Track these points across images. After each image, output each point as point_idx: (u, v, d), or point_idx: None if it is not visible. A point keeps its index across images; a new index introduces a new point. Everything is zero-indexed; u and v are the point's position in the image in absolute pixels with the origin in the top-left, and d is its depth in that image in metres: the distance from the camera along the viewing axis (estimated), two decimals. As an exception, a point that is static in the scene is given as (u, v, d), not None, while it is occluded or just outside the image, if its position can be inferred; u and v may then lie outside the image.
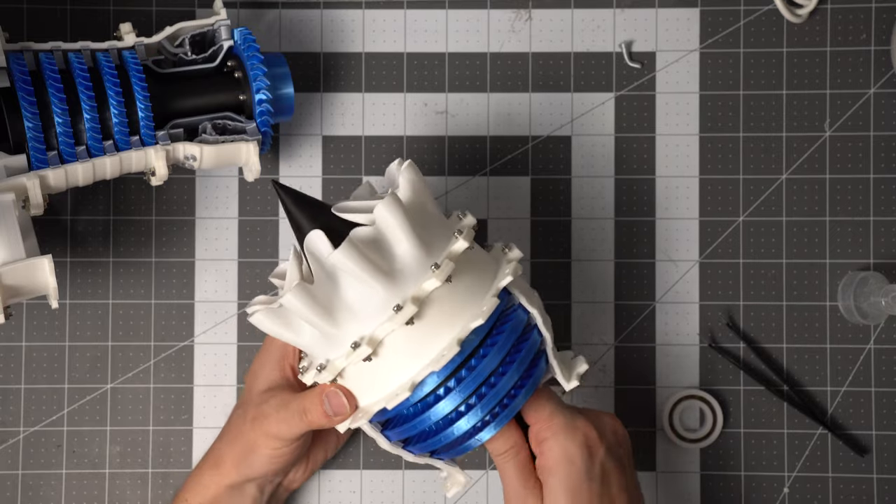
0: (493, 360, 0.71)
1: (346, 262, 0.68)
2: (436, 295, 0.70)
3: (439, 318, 0.71)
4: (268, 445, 0.79)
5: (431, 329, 0.70)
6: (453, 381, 0.71)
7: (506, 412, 0.72)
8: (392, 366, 0.71)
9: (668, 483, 0.91)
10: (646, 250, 0.92)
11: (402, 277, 0.70)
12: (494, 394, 0.71)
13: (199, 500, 0.82)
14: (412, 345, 0.71)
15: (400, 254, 0.70)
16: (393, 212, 0.69)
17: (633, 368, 0.92)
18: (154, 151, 0.81)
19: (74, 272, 0.91)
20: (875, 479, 0.91)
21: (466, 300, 0.71)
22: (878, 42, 0.93)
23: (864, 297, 0.89)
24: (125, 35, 0.83)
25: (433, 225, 0.73)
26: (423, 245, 0.70)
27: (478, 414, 0.71)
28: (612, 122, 0.93)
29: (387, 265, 0.70)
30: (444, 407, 0.71)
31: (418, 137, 0.92)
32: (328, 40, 0.93)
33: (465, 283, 0.72)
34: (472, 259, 0.73)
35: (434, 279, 0.70)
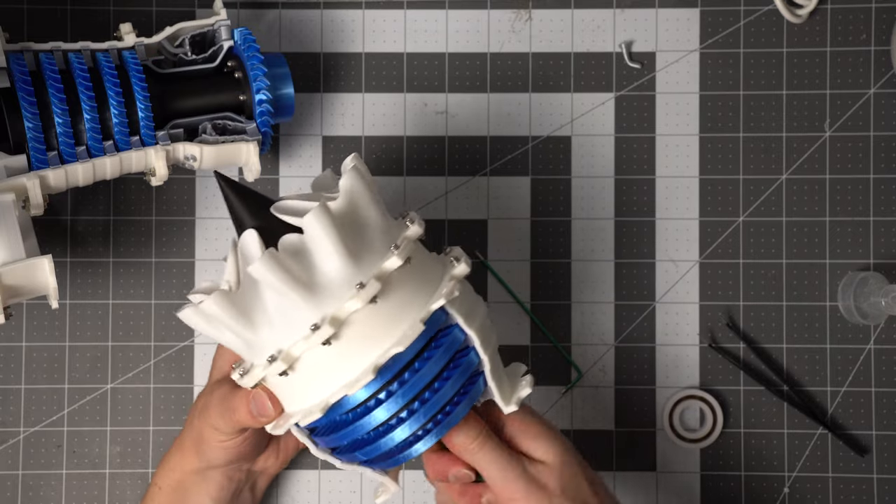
0: (427, 374, 0.68)
1: (266, 273, 0.65)
2: (357, 317, 0.67)
3: (358, 341, 0.67)
4: (213, 437, 0.78)
5: (348, 352, 0.67)
6: (385, 393, 0.68)
7: (443, 424, 0.70)
8: (307, 384, 0.69)
9: (668, 483, 0.91)
10: (646, 250, 0.92)
11: (324, 294, 0.67)
12: (430, 406, 0.69)
13: (168, 482, 0.82)
14: (327, 367, 0.68)
15: (326, 269, 0.67)
16: (321, 224, 0.66)
17: (633, 368, 0.92)
18: (154, 151, 0.81)
19: (74, 272, 0.91)
20: (875, 479, 0.91)
21: (391, 324, 0.68)
22: (878, 42, 0.93)
23: (864, 298, 0.89)
24: (125, 35, 0.83)
25: (370, 234, 0.69)
26: (351, 260, 0.67)
27: (414, 424, 0.69)
28: (612, 122, 0.93)
29: (309, 279, 0.67)
30: (379, 415, 0.68)
31: (418, 137, 0.92)
32: (328, 40, 0.93)
33: (393, 305, 0.68)
34: (410, 273, 0.69)
35: (356, 300, 0.67)
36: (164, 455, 0.84)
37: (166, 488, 0.82)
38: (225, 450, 0.79)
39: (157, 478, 0.83)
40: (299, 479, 0.91)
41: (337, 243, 0.66)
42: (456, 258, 0.72)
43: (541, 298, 0.92)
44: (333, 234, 0.66)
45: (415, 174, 0.92)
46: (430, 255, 0.73)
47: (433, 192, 0.92)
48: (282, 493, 0.91)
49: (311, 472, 0.91)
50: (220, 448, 0.79)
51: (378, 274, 0.68)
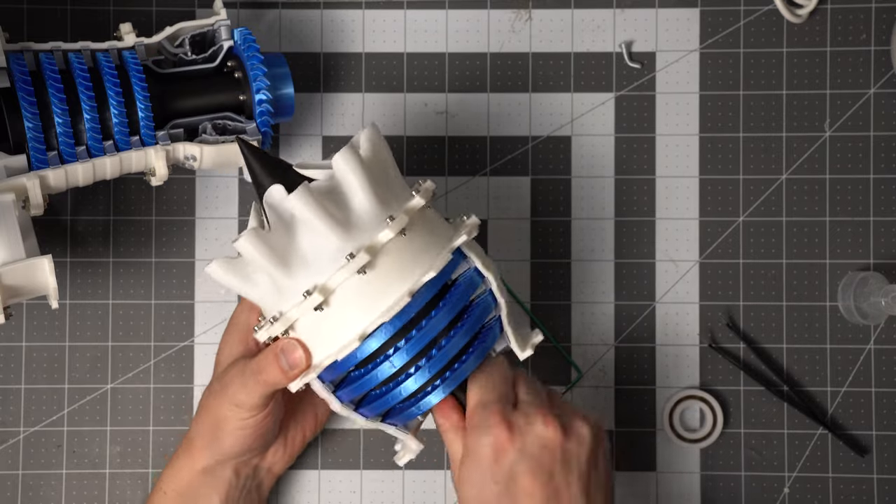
0: (441, 321, 0.71)
1: (300, 206, 0.69)
2: (390, 247, 0.70)
3: (392, 269, 0.71)
4: (233, 416, 0.78)
5: (383, 280, 0.70)
6: (402, 340, 0.71)
7: (454, 375, 0.72)
8: (343, 316, 0.71)
9: (668, 483, 0.91)
10: (646, 250, 0.92)
11: (356, 228, 0.70)
12: (442, 355, 0.71)
13: (174, 486, 0.82)
14: (363, 296, 0.70)
15: (355, 205, 0.71)
16: (349, 162, 0.70)
17: (633, 368, 0.92)
18: (154, 151, 0.81)
19: (74, 272, 0.91)
20: (875, 479, 0.91)
21: (420, 254, 0.71)
22: (878, 42, 0.93)
23: (864, 298, 0.89)
24: (125, 35, 0.83)
25: (392, 184, 0.73)
26: (378, 198, 0.71)
27: (425, 375, 0.71)
28: (612, 122, 0.93)
29: (342, 215, 0.70)
30: (390, 367, 0.71)
31: (418, 137, 0.92)
32: (328, 40, 0.93)
33: (420, 238, 0.72)
34: (429, 219, 0.74)
35: (388, 230, 0.70)
36: (168, 460, 0.83)
37: (172, 493, 0.82)
38: (242, 432, 0.78)
39: (161, 483, 0.83)
40: (299, 480, 0.91)
41: (365, 180, 0.70)
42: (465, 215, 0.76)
43: (541, 298, 0.92)
44: (361, 172, 0.70)
45: (415, 174, 0.92)
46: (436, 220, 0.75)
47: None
48: (282, 494, 0.91)
49: (311, 472, 0.91)
50: (237, 430, 0.78)
51: (406, 210, 0.72)
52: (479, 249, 0.75)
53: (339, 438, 0.91)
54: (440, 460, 0.91)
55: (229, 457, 0.81)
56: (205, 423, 0.80)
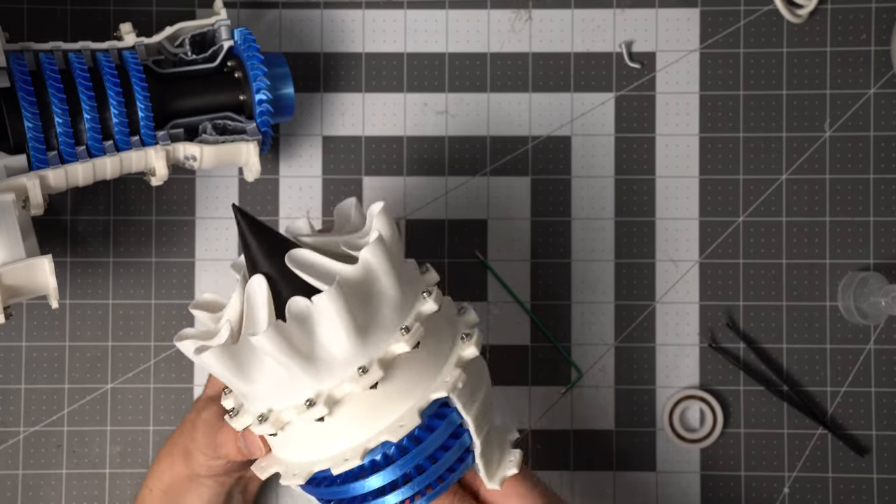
0: (419, 454, 0.67)
1: (269, 347, 0.63)
2: (354, 398, 0.65)
3: (351, 421, 0.66)
4: (200, 454, 0.78)
5: (341, 428, 0.66)
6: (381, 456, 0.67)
7: (430, 494, 0.68)
8: (296, 445, 0.67)
9: (668, 483, 0.91)
10: (646, 250, 0.92)
11: (325, 368, 0.65)
12: (424, 477, 0.67)
13: (159, 485, 0.82)
14: (317, 437, 0.66)
15: (330, 346, 0.65)
16: (334, 306, 0.63)
17: (633, 368, 0.92)
18: (154, 151, 0.81)
19: (74, 272, 0.91)
20: (875, 479, 0.91)
21: (390, 406, 0.66)
22: (878, 42, 0.93)
23: (864, 298, 0.89)
24: (125, 35, 0.83)
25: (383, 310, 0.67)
26: (358, 339, 0.65)
27: (404, 494, 0.67)
28: (612, 122, 0.93)
29: (311, 351, 0.65)
30: (371, 483, 0.67)
31: (418, 137, 0.92)
32: (328, 40, 0.93)
33: (395, 387, 0.66)
34: (417, 355, 0.67)
35: (355, 384, 0.64)
36: (154, 458, 0.83)
37: (157, 492, 0.82)
38: (210, 467, 0.78)
39: (148, 480, 0.83)
40: (299, 479, 0.91)
41: (347, 324, 0.64)
42: (467, 334, 0.70)
43: (541, 298, 0.92)
44: (345, 316, 0.64)
45: (415, 174, 0.92)
46: (442, 319, 0.70)
47: (433, 192, 0.92)
48: (282, 493, 0.91)
49: (311, 472, 0.91)
50: (206, 465, 0.78)
51: (383, 357, 0.66)
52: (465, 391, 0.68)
53: (339, 438, 0.91)
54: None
55: (206, 476, 0.80)
56: (181, 442, 0.80)
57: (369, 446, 0.66)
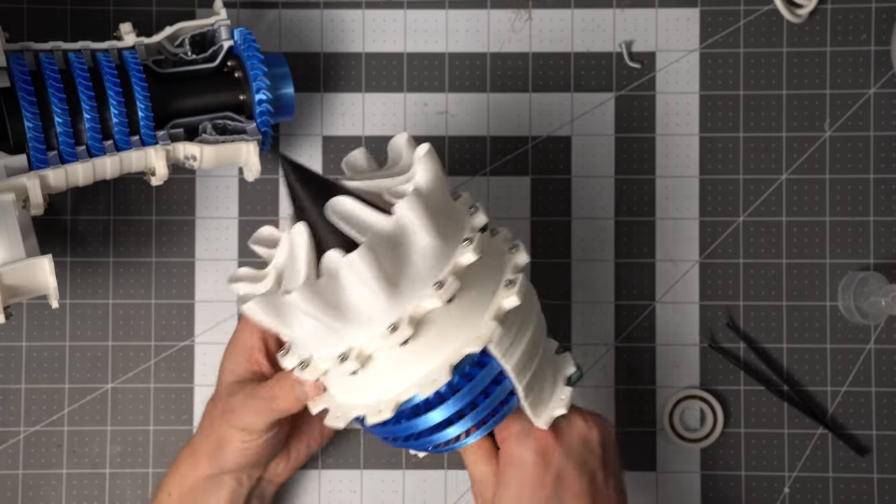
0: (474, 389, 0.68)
1: (362, 269, 0.63)
2: (433, 316, 0.66)
3: (434, 340, 0.67)
4: (238, 438, 0.78)
5: (423, 349, 0.67)
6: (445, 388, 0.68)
7: (491, 422, 0.70)
8: (378, 380, 0.68)
9: (668, 483, 0.91)
10: (646, 250, 0.92)
11: (406, 289, 0.66)
12: (485, 406, 0.69)
13: (178, 490, 0.82)
14: (403, 363, 0.68)
15: (414, 260, 0.66)
16: (417, 212, 0.64)
17: (633, 368, 0.92)
18: (154, 151, 0.81)
19: (74, 272, 0.91)
20: (875, 479, 0.91)
21: (462, 322, 0.68)
22: (878, 42, 0.93)
23: (864, 297, 0.89)
24: (125, 35, 0.83)
25: (445, 222, 0.68)
26: (435, 251, 0.66)
27: (465, 424, 0.69)
28: (612, 122, 0.93)
29: (397, 274, 0.65)
30: (434, 417, 0.69)
31: (418, 137, 0.92)
32: (328, 40, 0.93)
33: (466, 301, 0.67)
34: (479, 267, 0.68)
35: (435, 299, 0.66)
36: (173, 462, 0.83)
37: (176, 495, 0.82)
38: (245, 452, 0.79)
39: (166, 485, 0.83)
40: (299, 480, 0.91)
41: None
42: (511, 281, 0.70)
43: (541, 298, 0.92)
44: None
45: (415, 174, 0.92)
46: (481, 269, 0.69)
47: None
48: (282, 493, 0.91)
49: (311, 472, 0.91)
50: (240, 451, 0.79)
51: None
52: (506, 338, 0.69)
53: (339, 438, 0.91)
54: (440, 460, 0.91)
55: (231, 470, 0.81)
56: (209, 437, 0.80)
57: (401, 399, 0.67)
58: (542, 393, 0.73)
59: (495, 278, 0.70)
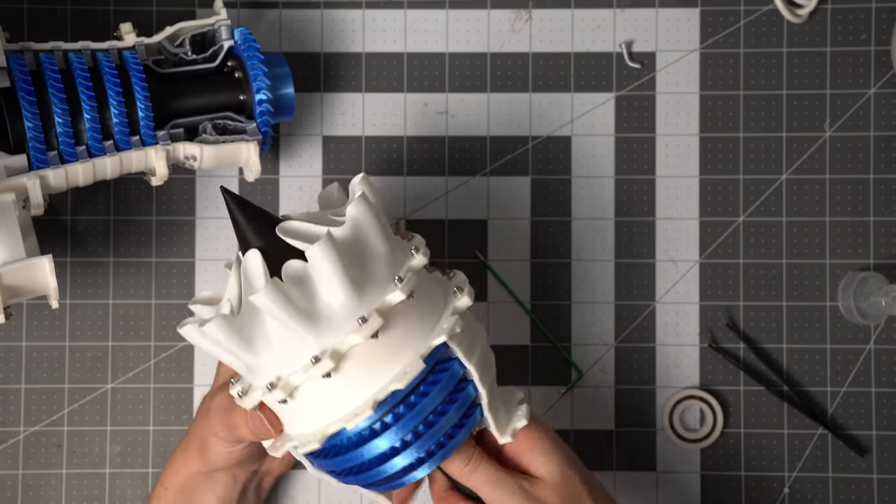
0: (426, 408, 0.68)
1: (268, 304, 0.64)
2: (358, 350, 0.67)
3: (358, 373, 0.67)
4: (217, 443, 0.78)
5: (349, 383, 0.67)
6: (381, 424, 0.68)
7: (442, 451, 0.69)
8: (307, 410, 0.68)
9: (668, 483, 0.91)
10: (646, 250, 0.92)
11: (327, 324, 0.66)
12: (432, 433, 0.68)
13: (174, 483, 0.82)
14: (327, 396, 0.67)
15: (328, 300, 0.66)
16: (326, 257, 0.65)
17: (633, 368, 0.92)
18: (154, 151, 0.81)
19: (74, 272, 0.91)
20: (875, 479, 0.91)
21: (393, 355, 0.67)
22: (878, 42, 0.93)
23: (864, 298, 0.89)
24: (125, 35, 0.83)
25: (374, 264, 0.68)
26: (354, 292, 0.66)
27: (414, 453, 0.68)
28: (612, 122, 0.93)
29: (312, 308, 0.66)
30: (380, 444, 0.68)
31: (418, 137, 0.92)
32: (328, 40, 0.93)
33: (395, 336, 0.67)
34: (413, 305, 0.68)
35: (357, 335, 0.66)
36: (169, 455, 0.83)
37: (172, 489, 0.82)
38: (228, 454, 0.79)
39: (162, 478, 0.83)
40: (299, 479, 0.91)
41: (341, 276, 0.65)
42: (459, 287, 0.71)
43: (541, 298, 0.92)
44: (338, 267, 0.65)
45: (415, 174, 0.92)
46: (433, 281, 0.71)
47: (433, 192, 0.92)
48: (282, 494, 0.91)
49: (311, 472, 0.91)
50: (222, 453, 0.79)
51: (380, 307, 0.67)
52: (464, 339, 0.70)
53: (339, 438, 0.91)
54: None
55: (222, 469, 0.81)
56: (195, 436, 0.81)
57: (379, 398, 0.67)
58: (499, 409, 0.72)
59: (443, 291, 0.71)
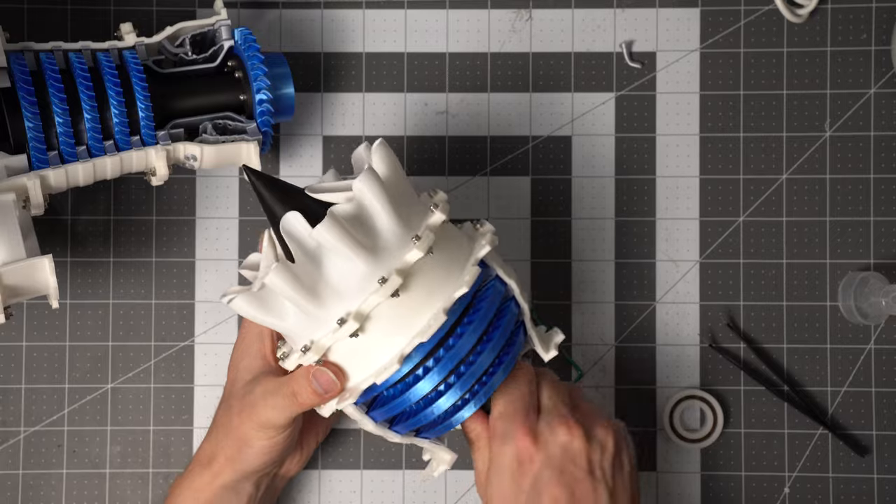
0: (469, 339, 0.72)
1: (328, 237, 0.68)
2: (418, 266, 0.70)
3: (423, 289, 0.71)
4: (260, 437, 0.77)
5: (416, 301, 0.70)
6: (432, 360, 0.71)
7: (484, 389, 0.73)
8: (378, 340, 0.71)
9: (668, 483, 0.91)
10: (646, 250, 0.92)
11: (383, 251, 0.70)
12: (472, 372, 0.72)
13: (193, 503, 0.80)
14: (398, 319, 0.70)
15: (380, 228, 0.70)
16: (371, 186, 0.69)
17: (633, 368, 0.92)
18: (154, 151, 0.81)
19: (74, 272, 0.91)
20: (875, 479, 0.91)
21: (448, 271, 0.72)
22: (878, 42, 0.93)
23: (864, 297, 0.89)
24: (126, 35, 0.83)
25: (408, 201, 0.73)
26: (401, 219, 0.70)
27: (456, 393, 0.72)
28: (612, 122, 0.93)
29: (368, 240, 0.70)
30: (423, 387, 0.72)
31: (418, 137, 0.92)
32: (328, 40, 0.93)
33: (446, 254, 0.72)
34: (449, 233, 0.74)
35: (416, 250, 0.70)
36: (181, 477, 0.81)
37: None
38: (269, 449, 0.78)
39: (178, 499, 0.80)
40: (299, 479, 0.91)
41: (387, 203, 0.70)
42: (478, 221, 0.77)
43: (541, 298, 0.92)
44: (384, 195, 0.69)
45: (415, 174, 0.92)
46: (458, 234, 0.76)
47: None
48: (282, 493, 0.91)
49: (311, 472, 0.91)
50: (264, 448, 0.77)
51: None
52: (497, 258, 0.75)
53: (339, 438, 0.91)
54: (440, 460, 0.91)
55: (253, 472, 0.79)
56: (228, 441, 0.78)
57: (405, 352, 0.71)
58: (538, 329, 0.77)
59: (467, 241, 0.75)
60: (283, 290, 0.69)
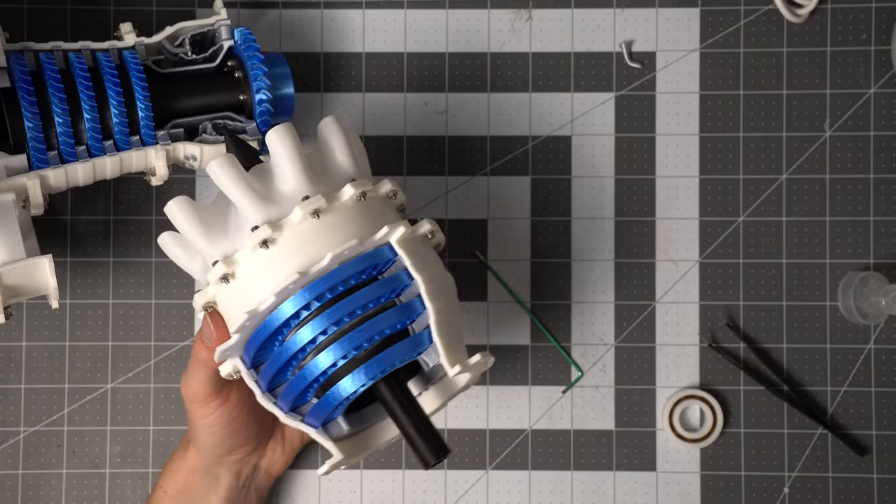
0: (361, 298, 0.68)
1: (218, 172, 0.70)
2: (298, 226, 0.69)
3: (294, 247, 0.68)
4: (197, 413, 0.78)
5: (285, 255, 0.68)
6: (315, 302, 0.68)
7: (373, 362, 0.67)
8: (248, 289, 0.69)
9: (668, 483, 0.91)
10: (646, 250, 0.92)
11: (274, 204, 0.70)
12: (358, 333, 0.67)
13: (173, 485, 0.83)
14: (264, 268, 0.69)
15: (278, 181, 0.71)
16: (281, 137, 0.71)
17: (633, 368, 0.92)
18: (154, 151, 0.81)
19: (74, 272, 0.91)
20: (875, 479, 0.91)
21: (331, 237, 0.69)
22: (878, 42, 0.93)
23: (864, 297, 0.89)
24: (125, 35, 0.83)
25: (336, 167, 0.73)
26: (306, 179, 0.71)
27: (337, 351, 0.67)
28: (612, 122, 0.93)
29: (264, 191, 0.71)
30: (304, 334, 0.68)
31: (418, 137, 0.92)
32: (328, 40, 0.93)
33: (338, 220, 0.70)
34: (365, 206, 0.71)
35: (298, 209, 0.69)
36: (168, 459, 0.84)
37: (171, 492, 0.82)
38: (211, 426, 0.78)
39: (162, 481, 0.83)
40: (299, 480, 0.91)
41: (293, 158, 0.71)
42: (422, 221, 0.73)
43: (541, 298, 0.92)
44: (292, 149, 0.71)
45: (415, 174, 0.92)
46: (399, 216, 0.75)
47: (433, 192, 0.92)
48: (282, 494, 0.91)
49: (311, 472, 0.91)
50: (205, 425, 0.78)
51: (329, 195, 0.70)
52: (417, 255, 0.70)
53: (339, 438, 0.91)
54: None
55: (217, 456, 0.81)
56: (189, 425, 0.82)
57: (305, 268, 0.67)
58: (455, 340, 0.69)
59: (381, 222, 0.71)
60: (178, 220, 0.71)
